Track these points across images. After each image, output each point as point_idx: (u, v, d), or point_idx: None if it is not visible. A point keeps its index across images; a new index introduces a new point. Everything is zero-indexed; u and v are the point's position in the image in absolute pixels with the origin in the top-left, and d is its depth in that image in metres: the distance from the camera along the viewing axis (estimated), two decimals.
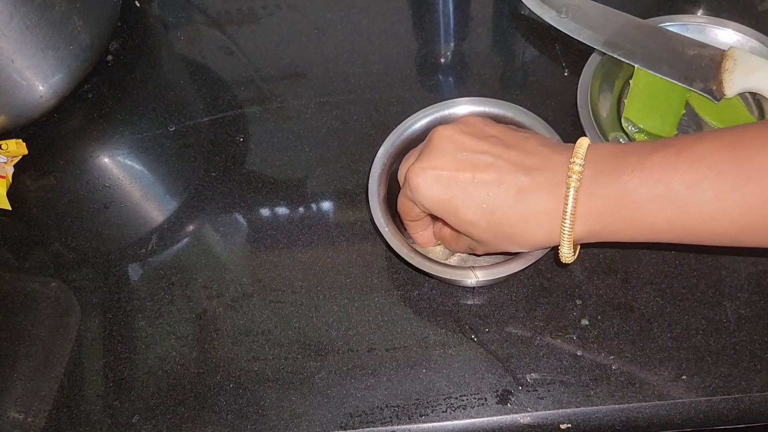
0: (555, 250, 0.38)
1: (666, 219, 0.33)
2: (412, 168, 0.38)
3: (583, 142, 0.36)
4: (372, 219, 0.44)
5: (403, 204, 0.42)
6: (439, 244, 0.46)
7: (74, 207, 0.53)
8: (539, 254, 0.41)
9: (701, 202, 0.32)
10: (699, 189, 0.32)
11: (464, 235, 0.39)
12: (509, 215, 0.36)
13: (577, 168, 0.35)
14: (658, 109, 0.49)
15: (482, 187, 0.36)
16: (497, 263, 0.41)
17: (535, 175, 0.36)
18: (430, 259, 0.42)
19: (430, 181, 0.37)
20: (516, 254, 0.41)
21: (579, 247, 0.38)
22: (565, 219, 0.35)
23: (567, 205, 0.34)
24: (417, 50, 0.59)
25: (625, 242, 0.36)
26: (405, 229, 0.45)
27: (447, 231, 0.43)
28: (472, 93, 0.56)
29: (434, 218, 0.44)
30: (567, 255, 0.37)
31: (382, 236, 0.43)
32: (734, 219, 0.32)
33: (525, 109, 0.45)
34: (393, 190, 0.45)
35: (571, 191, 0.34)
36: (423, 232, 0.45)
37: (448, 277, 0.41)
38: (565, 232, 0.35)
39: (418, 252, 0.42)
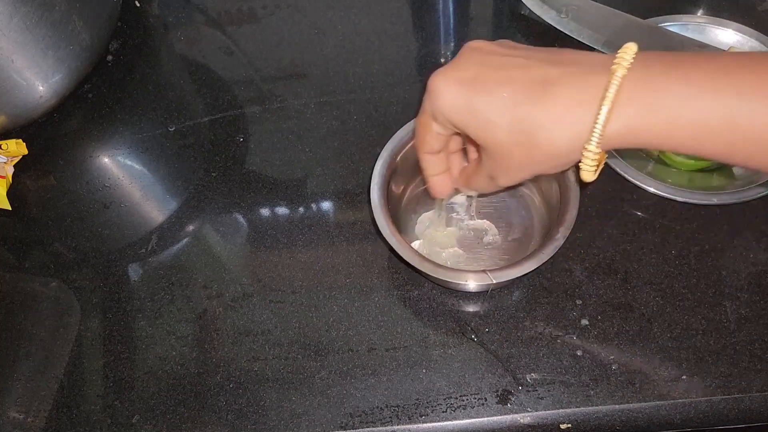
0: (576, 170, 0.34)
1: (722, 119, 0.30)
2: (435, 74, 0.35)
3: (632, 45, 0.32)
4: (373, 220, 0.44)
5: (420, 125, 0.38)
6: (457, 193, 0.43)
7: (74, 207, 0.53)
8: (544, 258, 0.40)
9: (765, 109, 0.29)
10: (766, 95, 0.29)
11: (485, 152, 0.36)
12: (533, 108, 0.32)
13: (627, 57, 0.31)
14: None
15: (505, 84, 0.33)
16: (498, 268, 0.41)
17: (568, 68, 0.32)
18: (430, 261, 0.42)
19: (451, 81, 0.34)
20: (520, 258, 0.41)
21: (603, 165, 0.34)
22: (602, 106, 0.30)
23: (608, 89, 0.30)
24: (417, 50, 0.59)
25: (656, 148, 0.32)
26: (421, 174, 0.41)
27: (471, 166, 0.40)
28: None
29: (459, 137, 0.40)
30: (592, 158, 0.32)
31: (383, 237, 0.43)
32: None
33: None
34: (394, 190, 0.45)
35: (617, 75, 0.30)
36: (440, 176, 0.41)
37: (448, 279, 0.41)
38: (598, 122, 0.30)
39: (419, 254, 0.42)
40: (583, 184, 0.41)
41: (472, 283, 0.41)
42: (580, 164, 0.33)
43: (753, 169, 0.32)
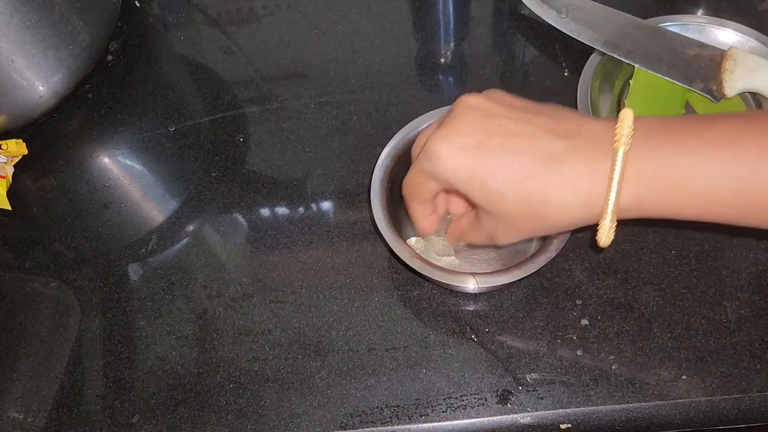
0: (591, 230, 0.34)
1: (730, 188, 0.30)
2: (433, 137, 0.35)
3: (628, 111, 0.32)
4: (373, 220, 0.44)
5: (414, 180, 0.38)
6: (439, 235, 0.44)
7: (74, 207, 0.53)
8: (542, 262, 0.40)
9: None
10: None
11: (485, 215, 0.36)
12: (543, 184, 0.32)
13: (626, 130, 0.31)
14: (658, 110, 0.49)
15: (513, 155, 0.33)
16: (498, 270, 0.41)
17: (573, 141, 0.33)
18: (431, 264, 0.42)
19: (454, 149, 0.34)
20: (517, 262, 0.41)
21: (616, 226, 0.34)
22: (611, 185, 0.31)
23: (615, 168, 0.31)
24: (417, 50, 0.59)
25: (667, 219, 0.33)
26: (407, 216, 0.42)
27: (465, 220, 0.40)
28: (472, 93, 0.56)
29: (451, 192, 0.40)
30: (609, 231, 0.32)
31: (383, 238, 0.43)
32: None
33: None
34: (395, 192, 0.45)
35: (620, 152, 0.31)
36: (428, 218, 0.41)
37: (448, 282, 0.41)
38: (610, 199, 0.31)
39: (420, 256, 0.42)
40: (598, 249, 0.42)
41: (470, 286, 0.41)
42: (597, 234, 0.33)
43: (766, 229, 0.33)
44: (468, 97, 0.36)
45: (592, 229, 0.34)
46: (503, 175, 0.33)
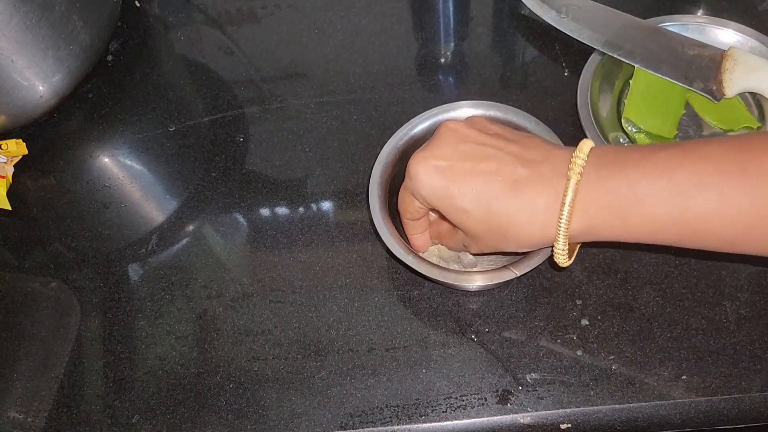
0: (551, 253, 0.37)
1: (667, 215, 0.33)
2: (414, 157, 0.39)
3: (587, 142, 0.35)
4: (372, 221, 0.44)
5: (403, 198, 0.41)
6: (435, 243, 0.46)
7: (74, 207, 0.53)
8: (536, 262, 0.40)
9: (704, 201, 0.32)
10: (703, 187, 0.32)
11: (459, 228, 0.39)
12: (505, 207, 0.36)
13: (579, 161, 0.34)
14: (658, 109, 0.49)
15: (480, 177, 0.36)
16: (498, 268, 0.41)
17: (535, 168, 0.36)
18: (429, 263, 0.42)
19: (430, 169, 0.37)
20: (513, 255, 0.41)
21: (576, 249, 0.38)
22: (563, 211, 0.34)
23: (566, 196, 0.34)
24: (417, 50, 0.59)
25: (623, 243, 0.36)
26: (404, 232, 0.45)
27: (445, 225, 0.43)
28: (472, 93, 0.56)
29: (434, 212, 0.43)
30: (562, 253, 0.36)
31: (382, 240, 0.43)
32: (734, 220, 0.32)
33: (528, 114, 0.45)
34: (394, 193, 0.45)
35: (572, 182, 0.34)
36: (420, 235, 0.44)
37: (449, 282, 0.41)
38: (561, 225, 0.34)
39: (417, 255, 0.42)
40: (558, 268, 0.45)
41: (475, 284, 0.41)
42: (553, 255, 0.37)
43: (708, 251, 0.35)
44: (449, 122, 0.40)
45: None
46: (470, 196, 0.36)
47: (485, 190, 0.36)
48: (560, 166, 0.35)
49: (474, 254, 0.44)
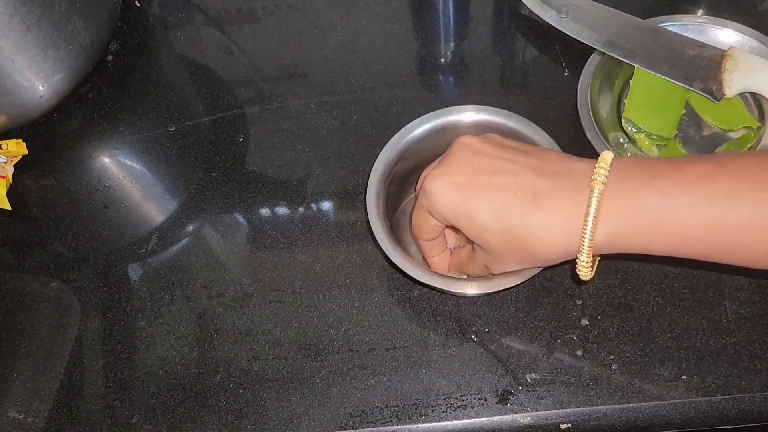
0: (573, 264, 0.36)
1: (697, 228, 0.32)
2: (429, 174, 0.38)
3: (608, 153, 0.34)
4: (369, 222, 0.43)
5: (417, 218, 0.40)
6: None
7: (74, 207, 0.53)
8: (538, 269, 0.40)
9: (737, 215, 0.31)
10: (737, 201, 0.31)
11: (479, 247, 0.38)
12: (525, 220, 0.35)
13: (603, 171, 0.33)
14: (658, 109, 0.49)
15: (498, 191, 0.35)
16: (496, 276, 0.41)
17: (555, 179, 0.35)
18: (425, 269, 0.41)
19: (446, 185, 0.36)
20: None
21: (598, 261, 0.37)
22: (587, 222, 0.33)
23: (590, 206, 0.33)
24: (417, 50, 0.59)
25: (645, 255, 0.35)
26: (422, 255, 0.43)
27: (464, 252, 0.42)
28: (472, 93, 0.56)
29: (452, 230, 0.42)
30: (585, 265, 0.35)
31: (379, 245, 0.42)
32: (766, 236, 0.31)
33: (530, 121, 0.44)
34: (393, 194, 0.44)
35: (596, 191, 0.33)
36: (439, 257, 0.43)
37: (444, 287, 0.41)
38: (586, 236, 0.33)
39: (413, 260, 0.41)
40: (580, 282, 0.44)
41: (470, 291, 0.41)
42: (576, 268, 0.35)
43: (734, 266, 0.34)
44: (463, 137, 0.38)
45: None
46: (489, 210, 0.35)
47: (504, 203, 0.35)
48: (582, 176, 0.34)
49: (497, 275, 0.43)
